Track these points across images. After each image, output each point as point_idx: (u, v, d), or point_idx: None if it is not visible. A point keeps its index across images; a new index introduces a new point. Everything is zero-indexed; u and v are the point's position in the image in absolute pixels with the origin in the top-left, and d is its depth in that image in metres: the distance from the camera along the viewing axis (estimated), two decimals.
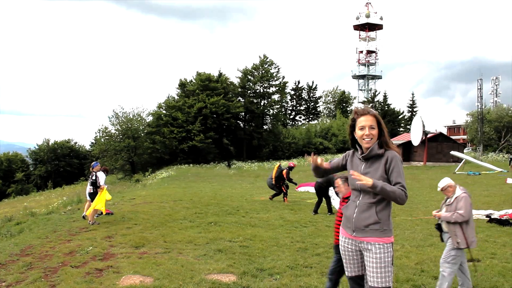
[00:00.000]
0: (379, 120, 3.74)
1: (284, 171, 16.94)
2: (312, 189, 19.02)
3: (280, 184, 16.96)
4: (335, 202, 15.29)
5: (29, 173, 63.25)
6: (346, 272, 3.95)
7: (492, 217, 11.82)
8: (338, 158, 4.09)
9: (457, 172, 31.42)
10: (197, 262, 7.57)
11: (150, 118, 54.99)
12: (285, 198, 16.81)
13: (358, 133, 3.76)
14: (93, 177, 12.67)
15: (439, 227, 6.32)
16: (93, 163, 13.42)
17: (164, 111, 54.81)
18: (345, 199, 5.73)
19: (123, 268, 7.23)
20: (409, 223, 11.68)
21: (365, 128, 3.69)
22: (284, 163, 19.08)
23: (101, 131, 53.48)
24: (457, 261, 5.95)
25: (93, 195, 12.49)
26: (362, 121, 3.72)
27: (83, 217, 12.56)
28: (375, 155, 3.70)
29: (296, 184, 19.39)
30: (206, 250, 8.48)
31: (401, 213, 13.36)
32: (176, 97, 58.07)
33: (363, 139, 3.71)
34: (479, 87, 52.23)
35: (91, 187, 12.74)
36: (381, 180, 3.60)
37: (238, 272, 6.87)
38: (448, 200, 6.19)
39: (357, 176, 3.55)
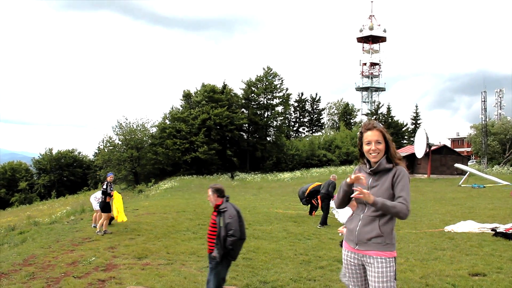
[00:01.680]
0: (385, 134, 3.76)
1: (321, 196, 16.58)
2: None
3: (310, 199, 16.82)
4: (340, 216, 15.22)
5: (33, 182, 63.26)
6: (349, 287, 3.92)
7: (498, 230, 11.73)
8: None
9: (462, 185, 31.31)
10: (200, 274, 7.54)
11: (154, 129, 55.07)
12: (313, 212, 16.70)
13: (365, 148, 3.78)
14: (104, 186, 12.60)
15: (342, 244, 6.05)
16: (108, 173, 13.45)
17: (168, 122, 54.90)
18: (215, 210, 5.75)
19: (125, 279, 7.22)
20: (413, 236, 11.61)
21: (371, 143, 3.71)
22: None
23: (105, 141, 53.58)
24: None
25: (103, 205, 12.40)
26: (368, 136, 3.74)
27: (104, 232, 12.22)
28: (383, 170, 3.71)
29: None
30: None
31: (405, 226, 13.29)
32: (180, 108, 58.17)
33: (370, 153, 3.73)
34: (483, 100, 52.16)
35: (102, 196, 12.63)
36: (387, 193, 3.61)
37: (241, 285, 6.84)
38: None
39: (359, 191, 3.52)
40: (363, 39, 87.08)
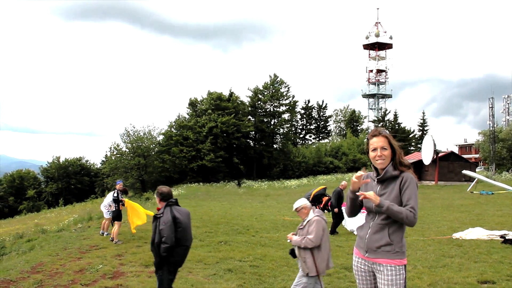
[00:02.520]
0: (391, 140, 3.75)
1: (325, 198, 16.56)
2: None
3: (315, 204, 16.73)
4: (348, 223, 15.17)
5: (41, 190, 63.51)
6: None
7: (507, 237, 11.64)
8: None
9: (474, 192, 31.11)
10: (207, 281, 7.54)
11: (161, 137, 55.21)
12: None
13: (371, 154, 3.79)
14: (115, 194, 12.61)
15: (292, 252, 5.87)
16: (117, 181, 13.47)
17: (175, 130, 55.04)
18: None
19: (132, 287, 7.23)
20: (421, 244, 11.55)
21: (377, 150, 3.72)
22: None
23: (112, 149, 53.78)
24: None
25: (116, 213, 12.42)
26: (374, 142, 3.75)
27: (113, 240, 12.15)
28: (390, 177, 3.71)
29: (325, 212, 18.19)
30: (216, 269, 8.45)
31: (413, 233, 13.22)
32: (187, 116, 58.31)
33: (376, 160, 3.73)
34: (490, 106, 52.02)
35: (114, 204, 12.58)
36: (396, 201, 3.60)
37: None
38: (301, 224, 5.87)
39: (364, 194, 3.55)
40: (369, 46, 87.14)
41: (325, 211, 16.96)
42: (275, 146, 60.65)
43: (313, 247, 5.52)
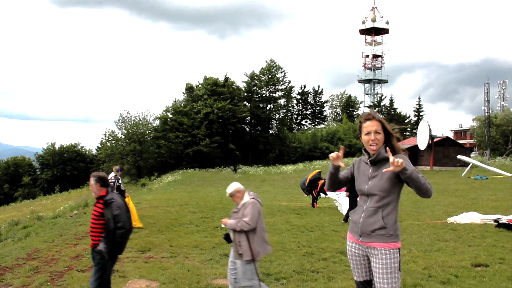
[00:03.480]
0: (385, 124, 3.73)
1: (321, 181, 16.59)
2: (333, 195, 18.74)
3: (312, 188, 16.79)
4: (343, 208, 15.24)
5: (36, 177, 63.33)
6: (354, 277, 3.93)
7: (501, 221, 11.72)
8: (346, 170, 4.08)
9: (471, 177, 31.25)
10: (203, 266, 7.56)
11: (157, 122, 55.10)
12: (315, 203, 16.68)
13: (364, 138, 3.76)
14: (119, 181, 12.47)
15: (227, 236, 5.74)
16: (116, 167, 13.33)
17: (171, 115, 54.91)
18: (98, 201, 5.39)
19: (129, 272, 7.24)
20: (416, 228, 11.61)
21: (371, 133, 3.69)
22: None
23: (107, 135, 53.65)
24: (251, 274, 5.46)
25: None
26: (367, 126, 3.72)
27: None
28: (382, 159, 3.68)
29: (320, 196, 17.46)
30: (212, 254, 8.48)
31: (408, 218, 13.30)
32: (183, 102, 58.15)
33: (369, 144, 3.70)
34: (486, 91, 52.07)
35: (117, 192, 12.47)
36: (388, 183, 3.60)
37: None
38: (236, 207, 5.75)
39: (392, 159, 3.41)
40: (365, 31, 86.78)
41: (321, 194, 17.07)
42: (271, 131, 60.58)
43: (249, 230, 5.41)
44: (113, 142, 53.17)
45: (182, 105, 56.67)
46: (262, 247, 5.51)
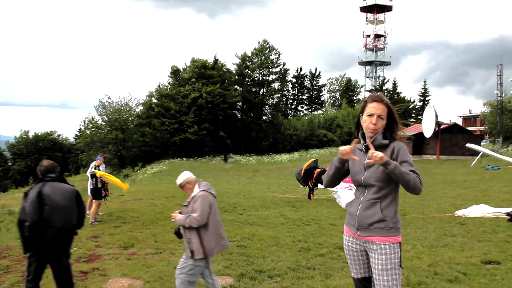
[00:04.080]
0: (392, 110, 3.67)
1: (318, 170, 16.65)
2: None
3: (308, 179, 16.79)
4: (342, 200, 15.27)
5: (7, 168, 63.06)
6: (351, 274, 3.91)
7: None
8: None
9: (483, 167, 31.35)
10: None
11: (140, 108, 54.91)
12: (311, 195, 16.70)
13: (364, 119, 3.69)
14: (93, 169, 12.44)
15: (177, 232, 5.64)
16: (97, 156, 13.31)
17: (156, 101, 54.69)
18: None
19: (110, 270, 7.22)
20: (420, 222, 11.65)
21: (373, 116, 3.62)
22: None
23: (86, 122, 53.41)
24: (196, 272, 5.42)
25: (94, 192, 12.29)
26: (372, 107, 3.64)
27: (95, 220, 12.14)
28: (379, 146, 3.62)
29: (317, 187, 17.54)
30: None
31: (412, 211, 13.34)
32: (168, 85, 57.92)
33: (368, 127, 3.65)
34: (498, 74, 51.96)
35: (91, 180, 12.40)
36: (385, 173, 3.53)
37: (235, 274, 6.86)
38: (187, 200, 5.63)
39: (371, 153, 3.40)
40: (366, 9, 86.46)
41: (318, 184, 17.09)
42: (264, 117, 60.59)
43: (199, 226, 5.32)
44: (93, 129, 52.97)
45: (167, 89, 56.45)
46: (217, 244, 5.44)
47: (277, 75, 60.31)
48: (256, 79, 59.24)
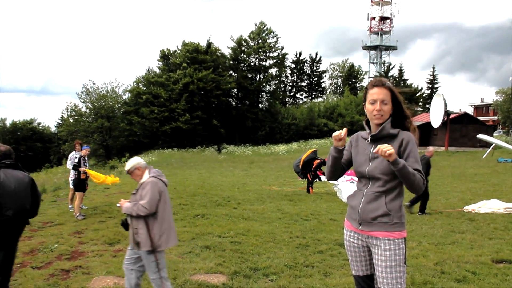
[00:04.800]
0: (395, 94, 3.63)
1: (317, 161, 16.67)
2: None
3: (307, 171, 16.81)
4: (343, 193, 15.30)
5: None
6: (352, 271, 3.90)
7: None
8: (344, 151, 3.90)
9: (499, 160, 31.38)
10: (181, 260, 7.55)
11: (127, 95, 54.74)
12: (310, 188, 16.73)
13: (368, 107, 3.65)
14: (76, 160, 12.40)
15: (124, 223, 5.56)
16: (83, 146, 13.24)
17: (144, 87, 54.50)
18: None
19: (94, 268, 7.20)
20: (427, 217, 11.70)
21: (376, 102, 3.58)
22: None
23: (69, 110, 53.21)
24: (162, 266, 5.36)
25: (76, 182, 12.26)
26: (373, 93, 3.60)
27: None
28: (387, 135, 3.60)
29: (317, 180, 17.65)
30: (192, 246, 8.47)
31: (417, 206, 13.38)
32: (158, 71, 57.77)
33: (373, 115, 3.60)
34: None
35: (74, 172, 12.45)
36: (390, 166, 3.47)
37: (228, 272, 6.86)
38: (136, 188, 5.53)
39: (386, 147, 3.32)
40: None
41: (317, 179, 17.12)
42: (260, 105, 60.53)
43: (148, 215, 5.22)
44: (76, 117, 52.77)
45: (156, 74, 56.27)
46: (166, 236, 5.35)
47: (275, 60, 60.18)
48: (252, 64, 59.09)
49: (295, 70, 77.97)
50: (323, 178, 17.93)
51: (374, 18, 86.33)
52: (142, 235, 5.21)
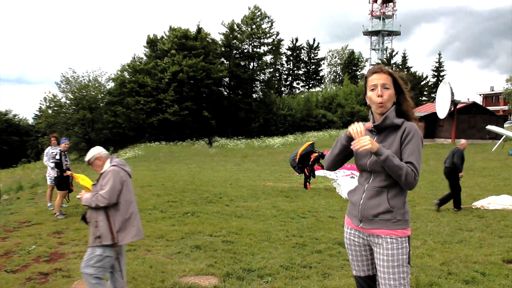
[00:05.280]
0: (396, 78, 3.61)
1: (315, 154, 16.68)
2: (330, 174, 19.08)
3: (304, 165, 16.80)
4: (342, 189, 15.32)
5: None
6: (353, 271, 3.89)
7: None
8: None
9: (508, 152, 31.43)
10: (170, 261, 7.54)
11: (111, 84, 54.59)
12: (307, 183, 16.73)
13: (369, 94, 3.63)
14: (57, 156, 12.32)
15: (84, 217, 5.52)
16: (62, 139, 13.13)
17: (129, 76, 54.33)
18: None
19: (75, 271, 7.17)
20: (432, 214, 11.72)
21: (377, 88, 3.56)
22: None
23: (47, 100, 52.95)
24: (106, 264, 5.33)
25: (58, 180, 12.20)
26: (373, 79, 3.59)
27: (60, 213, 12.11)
28: (391, 126, 3.57)
29: (312, 174, 17.40)
30: (181, 246, 8.46)
31: (422, 202, 13.41)
32: (144, 58, 57.65)
33: (375, 101, 3.57)
34: None
35: (57, 170, 12.25)
36: (397, 157, 3.45)
37: (220, 274, 6.85)
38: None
39: (356, 140, 3.37)
40: None
41: (316, 172, 17.14)
42: (254, 95, 60.53)
43: (108, 207, 5.18)
44: (55, 109, 52.55)
45: (142, 62, 56.14)
46: (129, 230, 5.32)
47: (270, 47, 60.13)
48: (245, 51, 59.04)
49: (291, 58, 78.02)
50: (318, 173, 17.96)
51: (376, 1, 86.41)
52: (102, 228, 5.18)
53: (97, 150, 5.50)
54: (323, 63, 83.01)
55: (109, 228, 5.16)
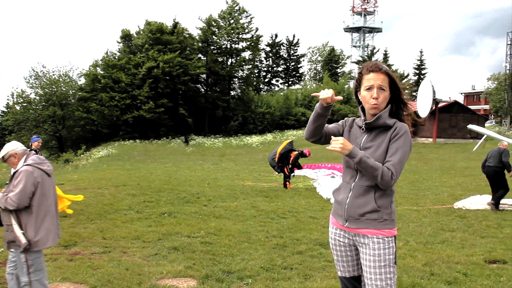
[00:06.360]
0: (394, 80, 3.59)
1: (294, 153, 16.71)
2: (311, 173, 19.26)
3: (283, 164, 16.81)
4: (322, 188, 15.40)
5: None
6: (338, 272, 3.89)
7: None
8: (335, 124, 3.92)
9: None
10: (146, 263, 7.53)
11: (83, 80, 54.17)
12: (287, 183, 16.75)
13: (363, 94, 3.61)
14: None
15: None
16: (33, 137, 12.92)
17: (102, 72, 53.97)
18: None
19: (48, 273, 7.14)
20: (414, 215, 11.82)
21: (373, 89, 3.53)
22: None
23: (15, 96, 52.41)
24: (39, 266, 5.22)
25: None
26: (370, 79, 3.55)
27: None
28: (383, 126, 3.57)
29: (292, 175, 17.63)
30: (158, 248, 8.45)
31: (404, 202, 13.53)
32: (118, 53, 57.32)
33: (369, 102, 3.55)
34: (508, 43, 51.85)
35: None
36: (383, 157, 3.49)
37: (199, 276, 6.86)
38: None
39: (334, 140, 3.43)
40: None
41: (296, 171, 17.21)
42: (232, 93, 60.56)
43: (20, 210, 4.99)
44: (24, 105, 52.02)
45: (116, 57, 55.81)
46: (45, 233, 5.14)
47: (248, 43, 60.16)
48: (223, 47, 58.98)
49: (270, 54, 77.94)
50: (298, 172, 18.03)
51: None
52: (14, 231, 4.99)
53: (12, 146, 5.24)
54: (303, 60, 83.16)
55: (20, 233, 4.97)
